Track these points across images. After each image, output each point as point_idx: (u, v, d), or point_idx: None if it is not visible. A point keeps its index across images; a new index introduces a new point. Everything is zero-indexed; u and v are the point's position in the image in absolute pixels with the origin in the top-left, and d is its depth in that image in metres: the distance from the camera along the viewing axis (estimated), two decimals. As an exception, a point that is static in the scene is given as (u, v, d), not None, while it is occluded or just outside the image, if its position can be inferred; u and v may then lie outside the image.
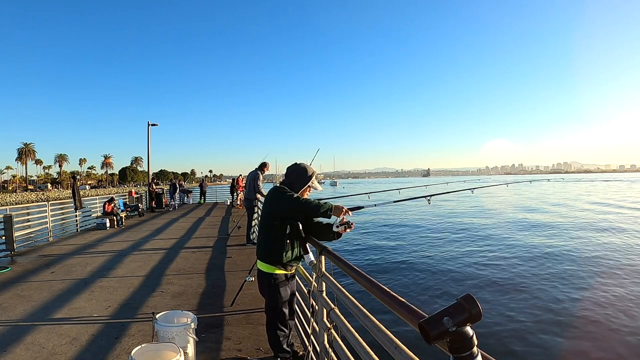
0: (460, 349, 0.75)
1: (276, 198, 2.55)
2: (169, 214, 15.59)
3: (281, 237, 2.53)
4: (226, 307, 4.20)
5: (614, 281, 8.29)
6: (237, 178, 20.05)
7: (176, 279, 5.42)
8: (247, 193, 8.20)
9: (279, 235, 2.54)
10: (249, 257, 6.73)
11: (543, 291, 7.68)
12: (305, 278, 3.07)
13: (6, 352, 3.15)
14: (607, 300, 7.07)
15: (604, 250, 11.57)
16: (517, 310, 6.68)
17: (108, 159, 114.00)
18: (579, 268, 9.46)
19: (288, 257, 2.57)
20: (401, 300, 1.27)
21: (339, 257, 2.02)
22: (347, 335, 1.88)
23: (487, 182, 7.66)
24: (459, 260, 10.47)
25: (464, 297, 0.75)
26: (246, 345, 3.26)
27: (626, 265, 9.63)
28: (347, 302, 1.87)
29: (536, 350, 5.29)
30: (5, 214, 7.92)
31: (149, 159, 20.07)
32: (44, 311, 4.15)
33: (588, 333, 5.77)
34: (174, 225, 11.92)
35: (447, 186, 7.91)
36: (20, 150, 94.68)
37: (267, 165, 8.17)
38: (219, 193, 25.50)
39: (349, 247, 12.65)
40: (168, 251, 7.53)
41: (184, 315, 2.84)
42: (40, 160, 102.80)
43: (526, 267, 9.65)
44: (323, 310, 2.24)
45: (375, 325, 1.54)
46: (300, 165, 2.78)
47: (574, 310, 6.68)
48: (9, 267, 6.29)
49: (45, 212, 9.92)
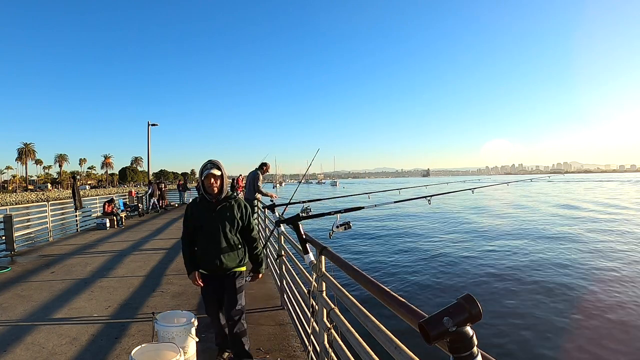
0: (460, 349, 0.75)
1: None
2: (168, 214, 15.60)
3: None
4: (226, 307, 4.19)
5: (614, 281, 8.28)
6: (237, 178, 20.06)
7: (176, 279, 5.42)
8: (247, 193, 8.19)
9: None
10: (249, 257, 6.72)
11: (543, 291, 7.68)
12: (305, 278, 3.07)
13: (6, 352, 3.15)
14: (607, 300, 7.07)
15: (604, 250, 11.57)
16: (518, 310, 6.68)
17: (108, 159, 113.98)
18: (580, 268, 9.45)
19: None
20: (401, 300, 1.27)
21: (339, 257, 2.02)
22: (347, 335, 1.87)
23: (487, 182, 7.65)
24: (459, 260, 10.47)
25: (464, 297, 0.75)
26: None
27: (627, 266, 9.63)
28: (347, 302, 1.86)
29: (536, 350, 5.29)
30: (5, 214, 7.91)
31: (149, 159, 20.09)
32: (44, 311, 4.15)
33: (588, 333, 5.77)
34: (174, 225, 11.91)
35: (447, 186, 7.89)
36: (20, 150, 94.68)
37: (267, 165, 8.16)
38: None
39: (349, 247, 12.65)
40: (168, 251, 7.53)
41: (184, 315, 2.84)
42: (40, 160, 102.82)
43: (526, 267, 9.65)
44: (323, 310, 2.24)
45: (375, 325, 1.54)
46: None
47: (575, 310, 6.68)
48: (9, 267, 6.29)
49: (45, 212, 9.92)
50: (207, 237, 2.74)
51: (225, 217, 2.77)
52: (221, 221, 2.75)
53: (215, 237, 2.73)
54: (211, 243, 2.73)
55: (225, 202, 2.79)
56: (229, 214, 2.78)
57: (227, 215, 2.78)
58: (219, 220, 2.75)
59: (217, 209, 2.77)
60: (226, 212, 2.78)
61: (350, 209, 2.72)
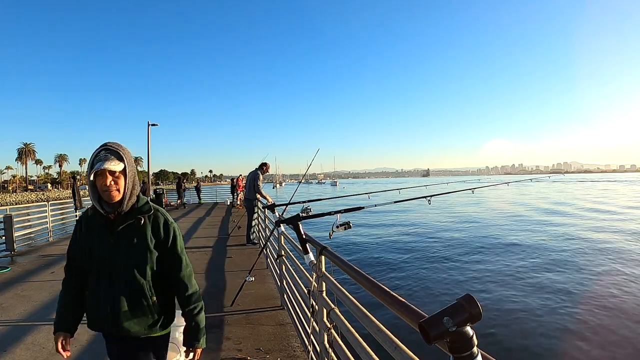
0: (461, 349, 0.75)
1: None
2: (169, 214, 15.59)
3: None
4: (226, 307, 4.20)
5: (615, 281, 8.28)
6: (237, 178, 20.10)
7: (176, 279, 5.42)
8: (247, 193, 8.20)
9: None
10: (249, 257, 6.72)
11: (544, 291, 7.68)
12: (305, 278, 3.07)
13: (6, 352, 3.15)
14: (608, 300, 7.07)
15: (605, 250, 11.56)
16: (518, 310, 6.68)
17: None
18: (581, 268, 9.46)
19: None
20: (401, 300, 1.27)
21: (339, 257, 2.02)
22: (347, 335, 1.87)
23: (487, 182, 7.65)
24: (459, 260, 10.47)
25: (464, 297, 0.75)
26: (246, 345, 3.26)
27: (628, 265, 9.63)
28: (347, 302, 1.87)
29: (536, 350, 5.29)
30: (5, 214, 7.92)
31: (149, 159, 20.09)
32: (44, 311, 4.15)
33: (589, 333, 5.77)
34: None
35: (447, 186, 7.90)
36: (20, 150, 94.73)
37: (267, 165, 8.18)
38: (219, 193, 25.52)
39: (349, 247, 12.65)
40: (168, 251, 7.52)
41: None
42: (40, 160, 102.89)
43: (527, 266, 9.65)
44: (323, 310, 2.24)
45: (375, 325, 1.54)
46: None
47: (575, 309, 6.68)
48: (9, 267, 6.29)
49: (45, 212, 9.92)
50: (97, 279, 1.58)
51: (129, 245, 1.56)
52: (122, 252, 1.56)
53: (111, 281, 1.56)
54: (103, 289, 1.56)
55: (132, 219, 1.57)
56: (137, 240, 1.57)
57: (134, 242, 1.57)
58: (118, 251, 1.56)
59: (118, 231, 1.56)
60: (132, 237, 1.57)
61: (350, 209, 2.73)
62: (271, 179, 48.61)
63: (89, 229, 1.61)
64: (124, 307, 1.56)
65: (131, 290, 1.57)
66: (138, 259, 1.58)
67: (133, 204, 1.59)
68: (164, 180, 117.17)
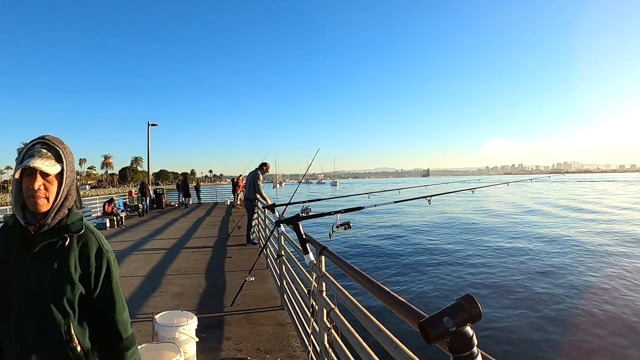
0: (461, 349, 0.74)
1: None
2: (169, 214, 15.60)
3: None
4: (226, 307, 4.20)
5: (615, 281, 8.28)
6: (237, 178, 20.10)
7: (176, 279, 5.42)
8: (247, 193, 8.20)
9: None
10: (249, 257, 6.73)
11: (544, 291, 7.68)
12: (305, 278, 3.07)
13: (6, 352, 3.14)
14: (608, 300, 7.07)
15: (606, 250, 11.57)
16: (518, 310, 6.68)
17: (108, 159, 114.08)
18: (581, 267, 9.45)
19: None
20: (401, 300, 1.27)
21: (339, 257, 2.02)
22: (347, 335, 1.88)
23: (487, 182, 7.65)
24: (459, 260, 10.47)
25: (464, 297, 0.75)
26: (246, 345, 3.26)
27: (628, 265, 9.63)
28: (347, 302, 1.87)
29: (536, 350, 5.29)
30: (6, 214, 7.92)
31: (149, 159, 20.11)
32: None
33: (588, 333, 5.77)
34: (174, 225, 11.92)
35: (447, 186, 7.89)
36: (20, 150, 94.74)
37: (267, 165, 8.18)
38: (218, 193, 25.52)
39: (349, 247, 12.66)
40: (168, 251, 7.53)
41: (184, 315, 2.84)
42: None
43: (527, 266, 9.65)
44: (323, 310, 2.24)
45: (375, 325, 1.54)
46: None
47: (575, 310, 6.68)
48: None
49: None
50: (7, 312, 1.13)
51: (46, 270, 1.14)
52: (35, 278, 1.13)
53: (26, 315, 1.12)
54: (14, 327, 1.13)
55: (56, 238, 1.15)
56: (57, 266, 1.14)
57: (54, 267, 1.14)
58: (35, 278, 1.13)
59: (36, 251, 1.14)
60: (52, 261, 1.14)
61: (350, 209, 2.72)
62: (271, 179, 48.70)
63: (8, 244, 1.17)
64: (39, 352, 1.12)
65: (47, 332, 1.12)
66: (55, 290, 1.13)
67: (62, 218, 1.17)
68: (164, 180, 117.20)
